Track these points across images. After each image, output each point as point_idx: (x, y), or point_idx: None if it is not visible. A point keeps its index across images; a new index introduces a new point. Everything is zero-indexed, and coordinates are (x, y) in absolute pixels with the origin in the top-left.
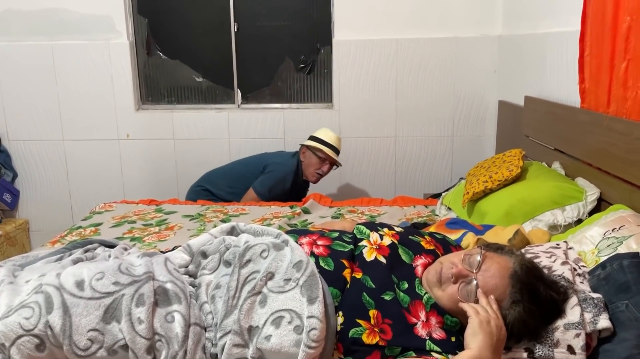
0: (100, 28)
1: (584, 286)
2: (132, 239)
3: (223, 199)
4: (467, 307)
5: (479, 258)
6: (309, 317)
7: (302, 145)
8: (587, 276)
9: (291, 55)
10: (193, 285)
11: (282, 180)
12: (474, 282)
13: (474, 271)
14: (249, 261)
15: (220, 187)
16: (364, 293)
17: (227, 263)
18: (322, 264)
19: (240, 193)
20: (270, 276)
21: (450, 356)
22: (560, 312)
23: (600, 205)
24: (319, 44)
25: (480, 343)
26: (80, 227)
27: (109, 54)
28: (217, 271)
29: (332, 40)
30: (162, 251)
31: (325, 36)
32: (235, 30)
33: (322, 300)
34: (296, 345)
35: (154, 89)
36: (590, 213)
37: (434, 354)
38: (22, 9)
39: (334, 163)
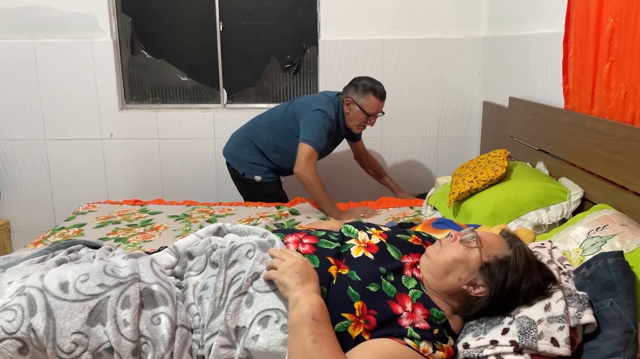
0: (83, 26)
1: (569, 284)
2: (117, 240)
3: (267, 157)
4: (267, 274)
5: (471, 229)
6: None
7: (348, 96)
8: (572, 275)
9: (277, 55)
10: (180, 286)
11: (328, 126)
12: (474, 232)
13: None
14: (235, 261)
15: (264, 142)
16: (349, 287)
17: (214, 264)
18: None
19: (286, 148)
20: (256, 276)
21: (424, 342)
22: (546, 281)
23: (584, 205)
24: (305, 44)
25: (290, 292)
26: (63, 228)
27: (92, 53)
28: (204, 272)
29: (318, 41)
30: (147, 252)
31: (312, 36)
32: (221, 29)
33: None
34: (284, 344)
35: (138, 88)
36: (574, 213)
37: (406, 339)
38: (4, 7)
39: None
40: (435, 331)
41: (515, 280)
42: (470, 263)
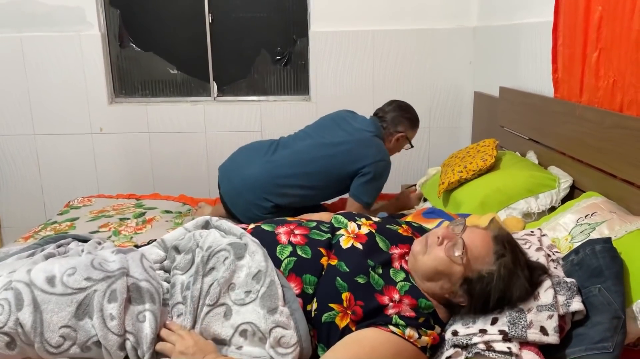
0: (70, 19)
1: (557, 271)
2: (108, 234)
3: (297, 209)
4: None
5: (461, 228)
6: (274, 327)
7: (401, 132)
8: (560, 262)
9: (267, 47)
10: (168, 282)
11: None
12: (460, 240)
13: (459, 234)
14: (212, 269)
15: (294, 194)
16: (338, 278)
17: (197, 265)
18: (299, 252)
19: (323, 195)
20: (232, 286)
21: (409, 328)
22: (535, 285)
23: (573, 193)
24: (295, 35)
25: None
26: (55, 222)
27: (80, 46)
28: (189, 272)
29: (308, 32)
30: (136, 246)
31: (302, 27)
32: (210, 21)
33: (283, 308)
34: (268, 354)
35: (127, 82)
36: (563, 201)
37: (391, 326)
38: None
39: None
40: (421, 319)
41: (499, 295)
42: (452, 277)
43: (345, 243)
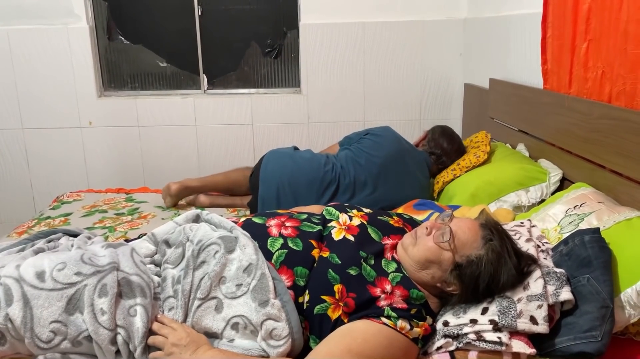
0: (58, 12)
1: (547, 262)
2: (104, 228)
3: None
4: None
5: (449, 218)
6: (266, 320)
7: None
8: (550, 252)
9: (257, 39)
10: (159, 276)
11: None
12: (448, 228)
13: (447, 223)
14: (203, 262)
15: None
16: (330, 270)
17: (188, 259)
18: (290, 244)
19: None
20: (223, 280)
21: (401, 320)
22: (524, 274)
23: (563, 184)
24: (286, 27)
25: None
26: (49, 217)
27: (68, 39)
28: (180, 266)
29: (298, 24)
30: (127, 240)
31: (292, 20)
32: (199, 13)
33: (274, 300)
34: (260, 346)
35: (116, 75)
36: (553, 194)
37: (383, 318)
38: None
39: None
40: (413, 310)
41: (489, 280)
42: (442, 264)
43: (336, 234)
